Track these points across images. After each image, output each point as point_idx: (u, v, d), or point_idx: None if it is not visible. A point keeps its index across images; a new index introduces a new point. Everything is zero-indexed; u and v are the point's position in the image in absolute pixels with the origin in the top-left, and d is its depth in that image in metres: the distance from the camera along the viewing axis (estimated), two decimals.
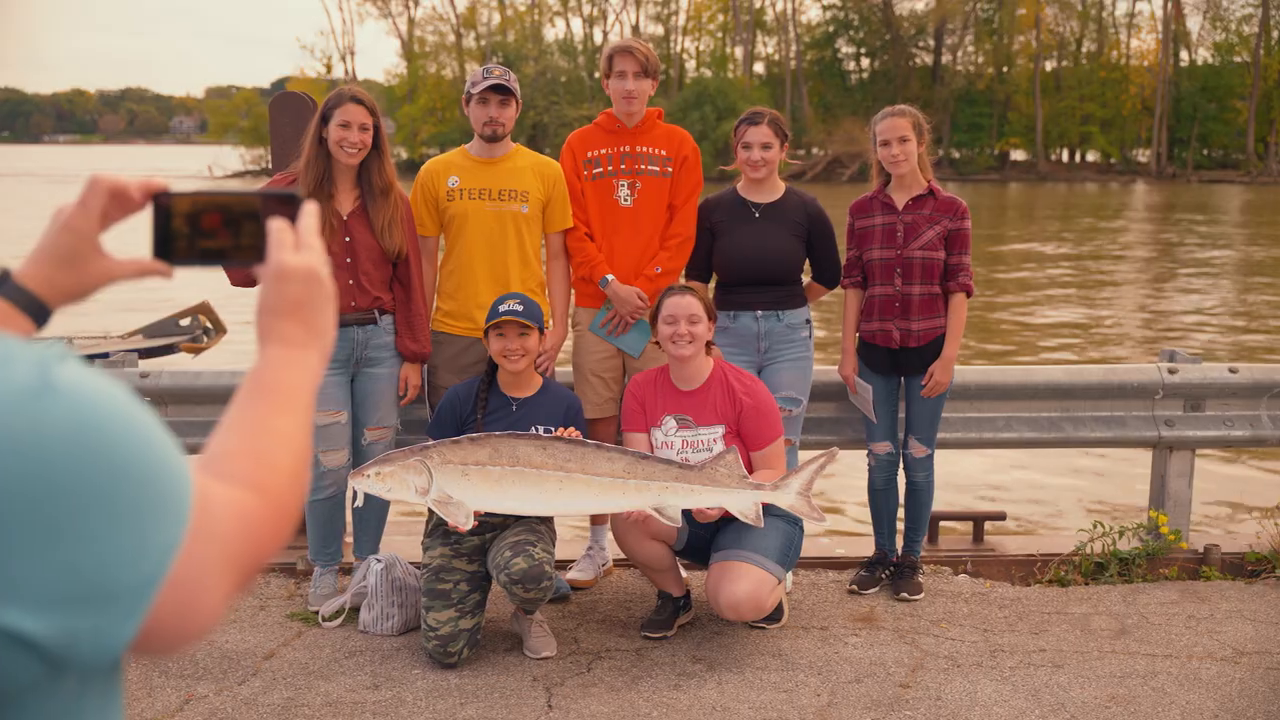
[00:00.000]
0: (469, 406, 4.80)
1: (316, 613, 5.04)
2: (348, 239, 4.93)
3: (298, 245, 1.35)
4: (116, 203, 1.38)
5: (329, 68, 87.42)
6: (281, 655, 4.71)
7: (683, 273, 5.39)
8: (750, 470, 4.74)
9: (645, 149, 5.29)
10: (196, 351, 11.15)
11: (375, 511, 5.22)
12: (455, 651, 4.55)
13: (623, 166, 5.28)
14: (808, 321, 5.36)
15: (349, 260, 4.94)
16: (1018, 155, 78.71)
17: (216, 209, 1.38)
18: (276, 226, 1.35)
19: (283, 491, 1.19)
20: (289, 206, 1.38)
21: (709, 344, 4.85)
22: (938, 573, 5.64)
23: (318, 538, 5.22)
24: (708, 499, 4.46)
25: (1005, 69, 77.19)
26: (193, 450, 5.69)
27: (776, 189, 5.33)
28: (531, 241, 5.24)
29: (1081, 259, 28.42)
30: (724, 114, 67.92)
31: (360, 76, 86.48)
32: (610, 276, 5.23)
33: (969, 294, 5.24)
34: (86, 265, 1.39)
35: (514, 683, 4.47)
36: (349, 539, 5.49)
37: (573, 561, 5.55)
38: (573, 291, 5.40)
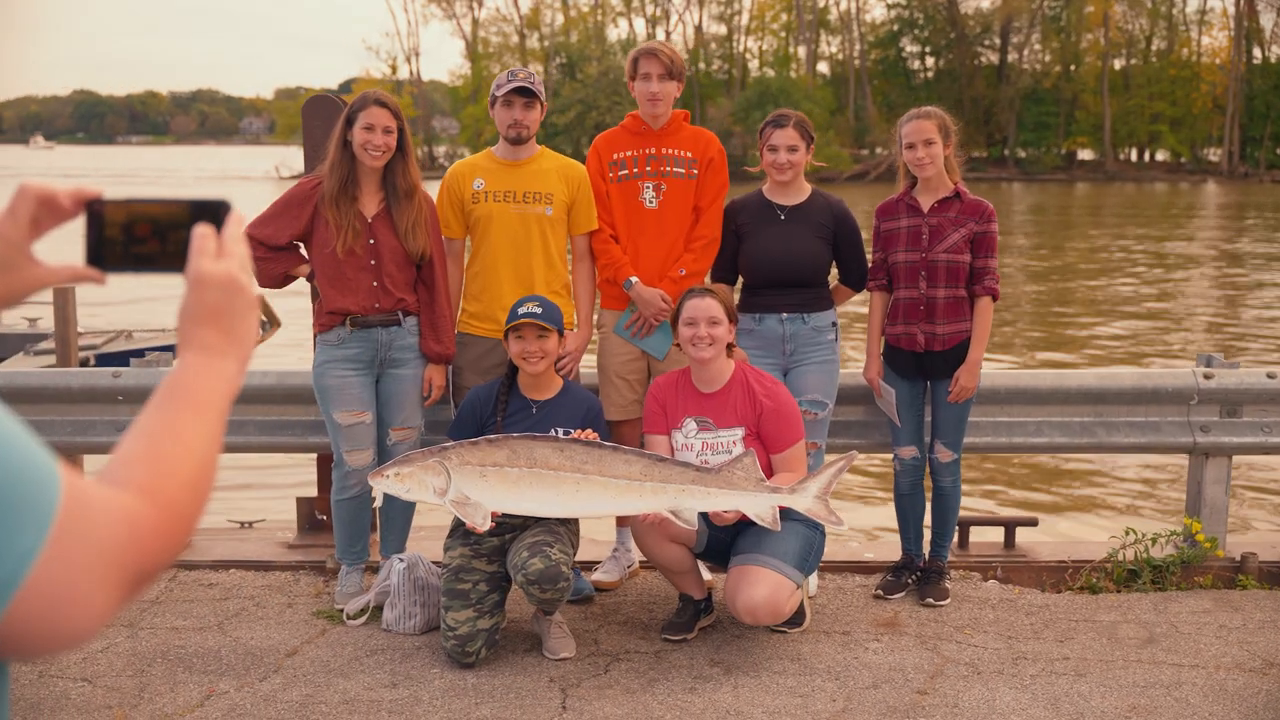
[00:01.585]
0: (489, 408, 4.82)
1: (342, 611, 5.09)
2: (372, 241, 4.97)
3: (219, 253, 1.36)
4: (47, 210, 1.40)
5: (394, 69, 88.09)
6: (304, 653, 4.76)
7: (708, 275, 5.38)
8: (771, 473, 4.73)
9: (671, 151, 5.29)
10: None
11: (401, 511, 5.26)
12: (473, 651, 4.57)
13: (648, 168, 5.28)
14: (834, 324, 5.33)
15: (373, 262, 4.98)
16: (1085, 155, 77.76)
17: (147, 216, 1.40)
18: (199, 234, 1.36)
19: (178, 498, 1.19)
20: (216, 214, 1.39)
21: (730, 346, 4.84)
22: (966, 578, 5.59)
23: (344, 537, 5.27)
24: (724, 502, 4.45)
25: (1072, 67, 76.32)
26: (235, 448, 5.79)
27: (802, 191, 5.31)
28: (556, 243, 5.26)
29: (1153, 258, 28.03)
30: None
31: (425, 77, 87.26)
32: (634, 278, 5.24)
33: (995, 298, 5.18)
34: (18, 271, 1.41)
35: (530, 683, 4.48)
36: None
37: (598, 563, 5.56)
38: (598, 293, 5.42)
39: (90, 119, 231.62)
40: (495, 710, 4.26)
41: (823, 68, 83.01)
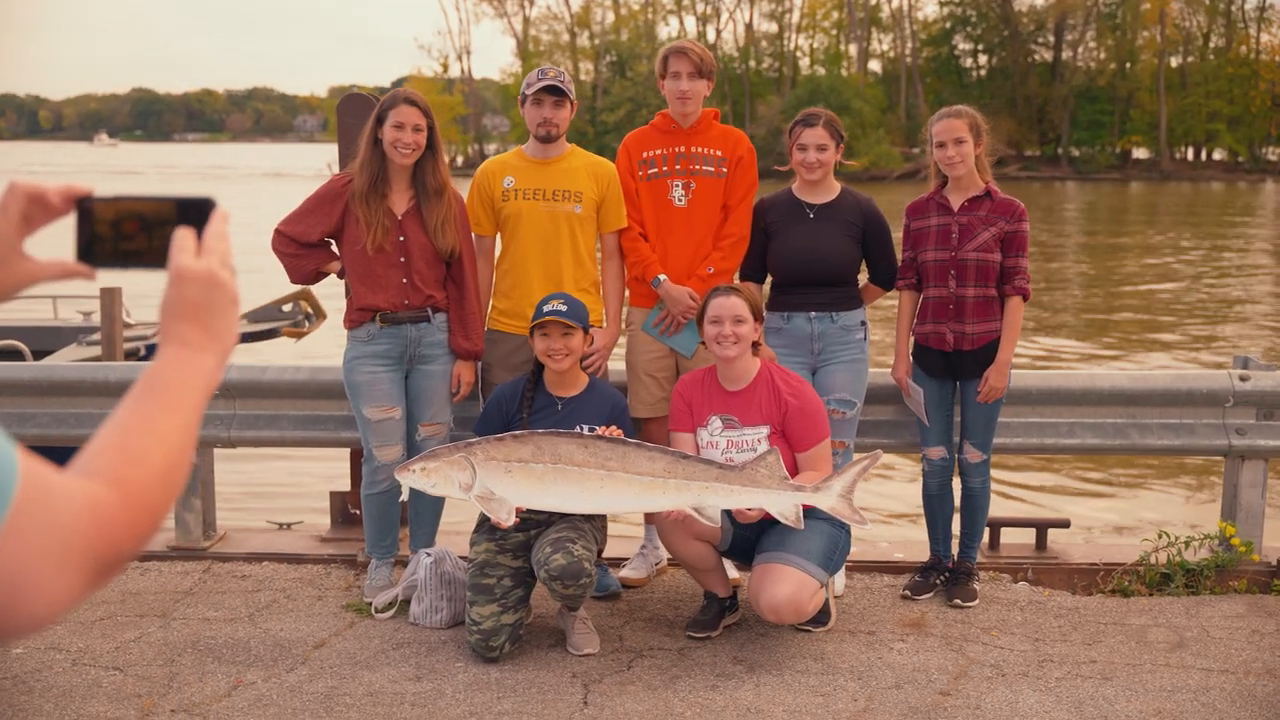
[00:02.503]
0: (515, 405, 4.86)
1: (370, 604, 5.14)
2: (401, 238, 5.02)
3: (200, 250, 1.39)
4: (38, 207, 1.43)
5: (445, 67, 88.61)
6: (332, 645, 4.81)
7: (736, 273, 5.38)
8: (796, 472, 4.73)
9: (700, 149, 5.30)
10: (298, 336, 11.55)
11: (430, 506, 5.31)
12: (497, 646, 4.61)
13: (677, 167, 5.29)
14: (863, 323, 5.32)
15: (403, 259, 5.03)
16: (1140, 153, 76.85)
17: (135, 214, 1.43)
18: (180, 231, 1.39)
19: (146, 488, 1.21)
20: (202, 211, 1.42)
21: (756, 345, 4.84)
22: (996, 580, 5.56)
23: (373, 531, 5.32)
24: (748, 500, 4.45)
25: (1128, 65, 75.45)
26: (269, 442, 5.86)
27: (831, 190, 5.30)
28: (585, 241, 5.28)
29: (1207, 258, 27.69)
30: (837, 112, 67.05)
31: (476, 75, 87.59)
32: (663, 276, 5.25)
33: (1025, 297, 5.15)
34: (7, 267, 1.44)
35: (553, 678, 4.51)
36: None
37: (626, 559, 5.58)
38: (627, 291, 5.44)
39: (148, 117, 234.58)
40: (517, 704, 4.29)
41: (874, 66, 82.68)
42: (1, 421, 5.68)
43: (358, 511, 5.89)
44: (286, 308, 11.58)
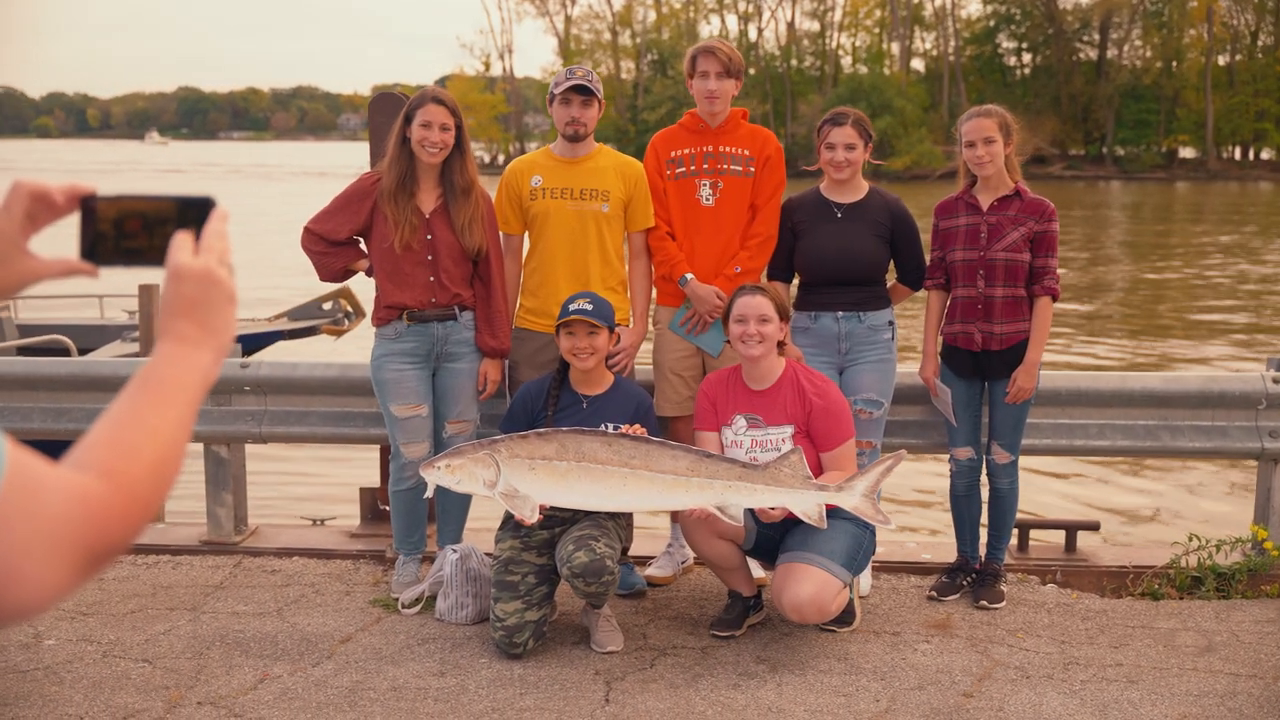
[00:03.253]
0: (540, 403, 4.88)
1: (397, 600, 5.18)
2: (429, 236, 5.05)
3: (198, 248, 1.41)
4: (41, 206, 1.46)
5: (487, 65, 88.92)
6: (358, 640, 4.85)
7: (764, 272, 5.38)
8: (820, 471, 4.72)
9: (728, 149, 5.30)
10: (338, 334, 11.68)
11: (457, 502, 5.34)
12: (520, 642, 4.63)
13: (705, 166, 5.29)
14: (890, 323, 5.30)
15: (430, 257, 5.06)
16: (1186, 153, 76.04)
17: (137, 212, 1.45)
18: (179, 230, 1.41)
19: (137, 480, 1.23)
20: (202, 210, 1.45)
21: (781, 344, 4.84)
22: (1024, 581, 5.53)
23: (401, 527, 5.36)
24: (770, 499, 4.45)
25: (1174, 63, 74.66)
26: (299, 439, 5.91)
27: (859, 189, 5.29)
28: (613, 240, 5.29)
29: (1253, 259, 27.39)
30: (878, 111, 67.10)
31: (518, 74, 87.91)
32: (689, 275, 5.26)
33: (1054, 297, 5.12)
34: (11, 264, 1.47)
35: (576, 675, 4.53)
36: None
37: (652, 558, 5.59)
38: (654, 290, 5.45)
39: (194, 115, 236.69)
40: (539, 700, 4.31)
41: (916, 64, 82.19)
42: (40, 416, 5.77)
43: (387, 508, 5.93)
44: (326, 306, 11.70)
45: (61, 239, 1.45)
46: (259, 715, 4.19)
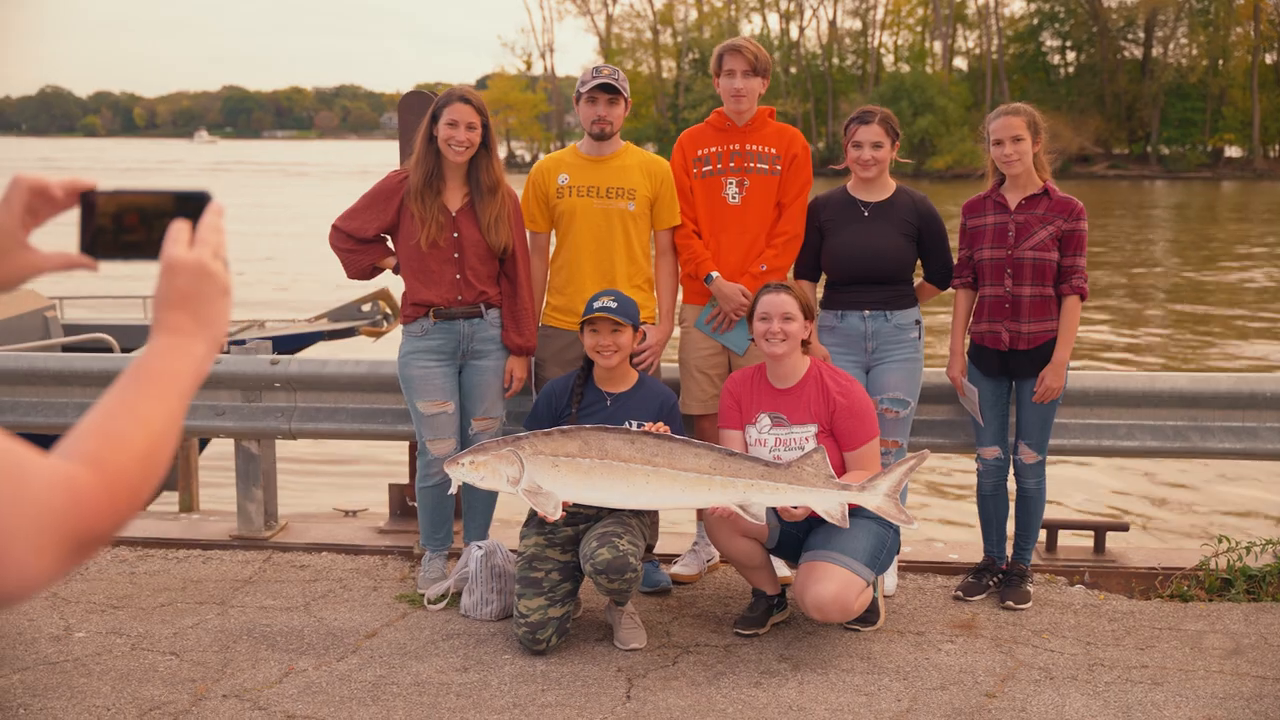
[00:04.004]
0: (565, 400, 4.90)
1: (423, 595, 5.21)
2: (455, 234, 5.08)
3: (192, 241, 1.43)
4: (41, 200, 1.48)
5: (529, 64, 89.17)
6: (383, 635, 4.89)
7: (790, 271, 5.37)
8: (844, 471, 4.71)
9: (755, 147, 5.30)
10: (376, 335, 11.74)
11: (483, 499, 5.36)
12: (544, 639, 4.65)
13: (731, 164, 5.29)
14: (917, 322, 5.28)
15: (456, 255, 5.09)
16: (1232, 152, 75.14)
17: (135, 206, 1.48)
18: (174, 223, 1.43)
19: (125, 469, 1.24)
20: (198, 204, 1.47)
21: (805, 343, 4.83)
22: (1052, 582, 5.49)
23: (427, 523, 5.40)
24: (793, 497, 4.45)
25: (1220, 61, 73.78)
26: (328, 435, 5.96)
27: (887, 188, 5.28)
28: (639, 238, 5.31)
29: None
30: (920, 110, 66.82)
31: (559, 73, 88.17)
32: (715, 273, 5.26)
33: (1083, 297, 5.08)
34: (11, 257, 1.50)
35: (598, 672, 4.54)
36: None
37: (678, 556, 5.60)
38: (680, 288, 5.45)
39: (238, 114, 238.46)
40: (560, 697, 4.33)
41: (959, 63, 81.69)
42: (77, 410, 5.84)
43: (415, 504, 5.96)
44: (366, 307, 11.79)
45: (62, 236, 1.48)
46: (282, 708, 4.23)
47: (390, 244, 5.25)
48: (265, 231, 33.52)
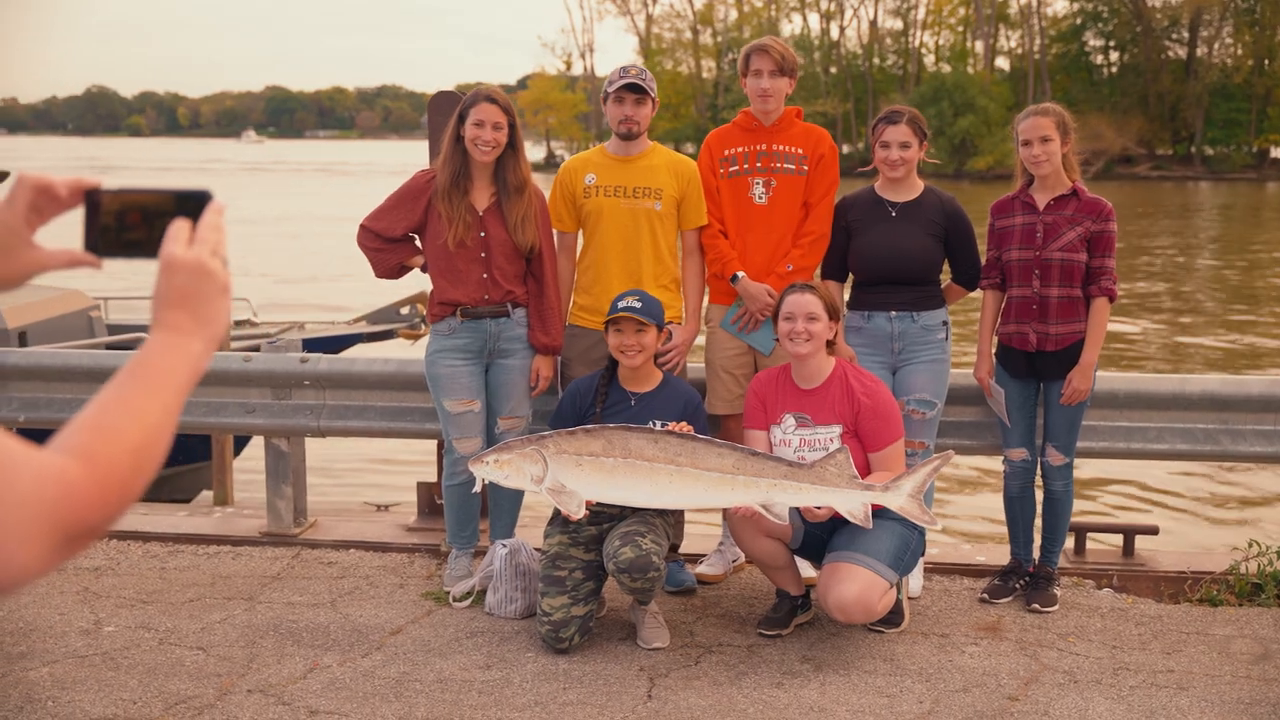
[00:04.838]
0: (589, 399, 4.91)
1: (449, 593, 5.24)
2: (482, 234, 5.11)
3: (191, 240, 1.45)
4: (46, 199, 1.51)
5: (568, 65, 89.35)
6: (408, 632, 4.92)
7: (817, 271, 5.36)
8: (868, 472, 4.70)
9: (782, 147, 5.29)
10: (414, 338, 11.80)
11: (509, 497, 5.38)
12: (567, 637, 4.66)
13: (758, 164, 5.29)
14: (944, 323, 5.26)
15: (483, 254, 5.11)
16: (1278, 153, 74.24)
17: (138, 205, 1.50)
18: (174, 222, 1.45)
19: (117, 464, 1.26)
20: (199, 203, 1.49)
21: (830, 343, 4.82)
22: (1079, 585, 5.46)
23: (453, 521, 5.42)
24: (816, 498, 4.44)
25: (1266, 61, 72.89)
26: (357, 433, 6.00)
27: (914, 188, 5.26)
28: (666, 238, 5.31)
29: None
30: (961, 110, 66.47)
31: (599, 73, 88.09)
32: (741, 273, 5.26)
33: (1111, 299, 5.04)
34: (16, 255, 1.52)
35: (620, 671, 4.55)
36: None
37: (703, 555, 5.60)
38: (706, 288, 5.45)
39: (281, 114, 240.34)
40: (582, 695, 4.34)
41: (1001, 63, 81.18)
42: None
43: (442, 502, 5.99)
44: (404, 310, 11.87)
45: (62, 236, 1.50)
46: (306, 704, 4.26)
47: (418, 243, 5.29)
48: (314, 232, 33.77)
